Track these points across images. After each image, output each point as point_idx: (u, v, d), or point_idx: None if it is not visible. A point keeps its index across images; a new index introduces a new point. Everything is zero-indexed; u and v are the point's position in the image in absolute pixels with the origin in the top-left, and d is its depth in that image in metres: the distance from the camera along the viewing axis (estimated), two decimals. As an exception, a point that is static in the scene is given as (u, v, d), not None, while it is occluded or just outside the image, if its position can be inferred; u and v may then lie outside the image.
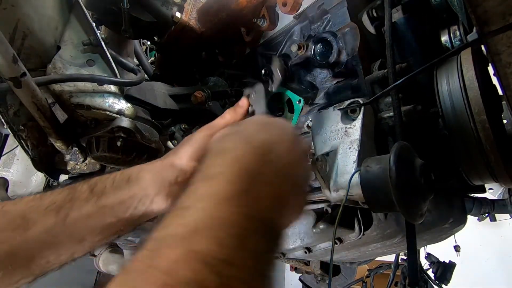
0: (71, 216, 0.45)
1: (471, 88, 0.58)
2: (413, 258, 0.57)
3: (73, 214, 0.46)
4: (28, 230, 0.43)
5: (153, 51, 1.60)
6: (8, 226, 0.42)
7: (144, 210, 0.51)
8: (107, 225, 0.49)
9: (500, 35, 0.39)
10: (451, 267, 1.52)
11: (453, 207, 0.70)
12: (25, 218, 0.43)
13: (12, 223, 0.43)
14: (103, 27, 1.13)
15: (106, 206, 0.48)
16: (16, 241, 0.42)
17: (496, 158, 0.57)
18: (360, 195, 0.53)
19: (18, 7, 0.81)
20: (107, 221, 0.48)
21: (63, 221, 0.45)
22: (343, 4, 0.71)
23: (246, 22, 0.86)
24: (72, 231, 0.46)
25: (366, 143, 0.62)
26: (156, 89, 0.93)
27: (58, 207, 0.45)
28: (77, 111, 0.89)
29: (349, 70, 0.72)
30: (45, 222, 0.44)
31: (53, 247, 0.45)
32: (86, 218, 0.46)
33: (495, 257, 2.64)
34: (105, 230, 0.49)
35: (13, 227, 0.42)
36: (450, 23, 0.67)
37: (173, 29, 0.95)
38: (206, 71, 1.05)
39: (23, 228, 0.43)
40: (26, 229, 0.43)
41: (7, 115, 0.84)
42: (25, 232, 0.43)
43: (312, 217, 0.78)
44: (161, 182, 0.52)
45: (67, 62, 0.89)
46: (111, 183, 0.50)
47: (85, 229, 0.47)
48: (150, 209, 0.51)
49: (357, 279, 1.71)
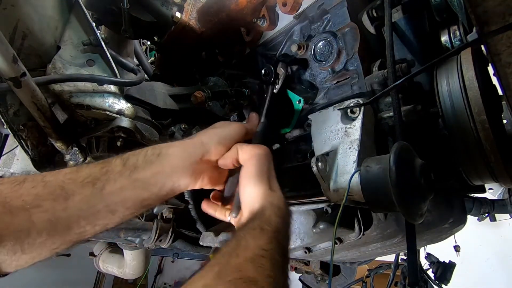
0: (106, 188, 0.48)
1: (471, 88, 0.58)
2: (413, 258, 0.57)
3: (108, 186, 0.48)
4: (67, 200, 0.46)
5: (153, 51, 1.61)
6: (49, 196, 0.45)
7: (172, 185, 0.54)
8: (138, 198, 0.51)
9: (500, 35, 0.39)
10: (451, 267, 1.53)
11: (453, 207, 0.70)
12: (64, 189, 0.46)
13: (53, 193, 0.45)
14: (103, 27, 1.13)
15: (138, 180, 0.51)
16: (57, 210, 0.45)
17: (496, 158, 0.57)
18: (360, 195, 0.53)
19: (18, 7, 0.81)
20: (138, 194, 0.51)
21: (100, 192, 0.48)
22: (343, 4, 0.71)
23: (246, 22, 0.86)
24: (108, 203, 0.49)
25: (366, 143, 0.62)
26: (156, 89, 0.93)
27: (95, 179, 0.48)
28: (77, 111, 0.89)
29: (349, 70, 0.72)
30: (83, 193, 0.47)
31: (90, 217, 0.48)
32: (120, 190, 0.49)
33: (495, 257, 2.63)
34: (136, 203, 0.52)
35: (54, 197, 0.45)
36: (450, 23, 0.67)
37: (173, 29, 0.95)
38: (206, 71, 1.05)
39: (63, 198, 0.45)
40: (66, 199, 0.45)
41: (7, 115, 0.84)
42: (65, 202, 0.45)
43: (312, 217, 0.78)
44: (188, 159, 0.55)
45: (67, 62, 0.89)
46: (143, 158, 0.53)
47: (119, 201, 0.50)
48: (177, 184, 0.54)
49: (357, 279, 1.71)
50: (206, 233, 0.87)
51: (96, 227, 0.49)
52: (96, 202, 0.48)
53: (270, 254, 0.41)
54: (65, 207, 0.45)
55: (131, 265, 1.81)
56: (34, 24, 0.84)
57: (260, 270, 0.38)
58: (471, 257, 2.51)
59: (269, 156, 0.59)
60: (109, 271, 1.91)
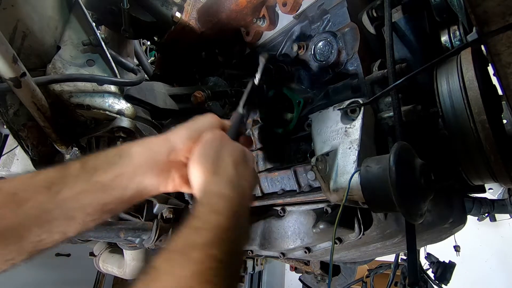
0: (63, 193, 0.45)
1: (471, 88, 0.58)
2: (413, 258, 0.57)
3: (65, 191, 0.45)
4: (20, 206, 0.42)
5: (153, 51, 1.61)
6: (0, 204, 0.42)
7: (136, 187, 0.50)
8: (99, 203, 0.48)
9: (500, 35, 0.39)
10: (451, 267, 1.53)
11: (453, 207, 0.70)
12: (16, 195, 0.43)
13: (4, 200, 0.42)
14: (103, 27, 1.13)
15: (98, 182, 0.47)
16: (8, 217, 0.42)
17: (496, 158, 0.57)
18: (360, 195, 0.53)
19: (18, 7, 0.81)
20: (99, 198, 0.47)
21: (55, 197, 0.44)
22: (343, 4, 0.71)
23: (246, 22, 0.86)
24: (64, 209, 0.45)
25: (366, 143, 0.62)
26: (156, 89, 0.93)
27: (50, 183, 0.45)
28: (77, 111, 0.89)
29: (349, 70, 0.72)
30: (36, 199, 0.43)
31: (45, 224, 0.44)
32: (78, 195, 0.46)
33: (495, 257, 2.64)
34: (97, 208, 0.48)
35: (5, 203, 0.42)
36: (450, 23, 0.67)
37: (173, 29, 0.95)
38: (206, 71, 1.05)
39: (15, 204, 0.42)
40: (18, 206, 0.42)
41: (7, 115, 0.84)
42: (17, 209, 0.42)
43: (312, 217, 0.78)
44: (152, 158, 0.51)
45: (67, 62, 0.89)
46: (103, 160, 0.49)
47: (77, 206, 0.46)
48: (142, 186, 0.51)
49: (357, 279, 1.71)
50: (206, 233, 0.87)
51: (54, 235, 0.46)
52: (51, 208, 0.44)
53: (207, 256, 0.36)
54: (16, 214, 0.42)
55: (131, 265, 1.80)
56: (34, 24, 0.84)
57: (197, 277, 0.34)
58: (471, 257, 2.51)
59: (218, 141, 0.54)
60: (109, 271, 1.91)
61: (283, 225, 0.83)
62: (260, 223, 0.87)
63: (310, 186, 0.79)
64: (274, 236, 0.84)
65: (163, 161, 0.52)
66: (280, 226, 0.84)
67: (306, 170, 0.80)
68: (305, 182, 0.80)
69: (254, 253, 0.95)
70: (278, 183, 0.87)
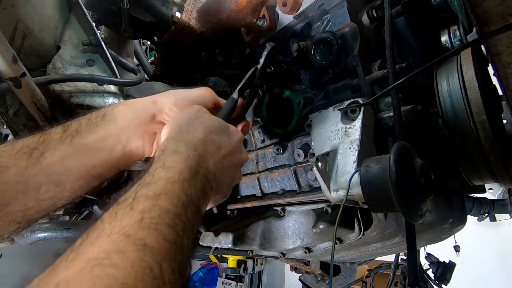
0: (45, 157, 0.43)
1: (471, 88, 0.58)
2: (413, 258, 0.57)
3: (47, 155, 0.43)
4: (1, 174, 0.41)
5: (153, 51, 1.61)
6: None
7: (122, 148, 0.48)
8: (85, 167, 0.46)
9: (500, 35, 0.39)
10: (451, 267, 1.53)
11: (453, 207, 0.70)
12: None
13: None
14: (103, 27, 1.13)
15: (81, 145, 0.45)
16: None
17: (496, 158, 0.57)
18: (360, 195, 0.53)
19: (18, 7, 0.81)
20: (85, 162, 0.46)
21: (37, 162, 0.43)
22: (343, 4, 0.71)
23: (246, 22, 0.86)
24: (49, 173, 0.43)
25: (366, 143, 0.62)
26: (156, 89, 0.93)
27: (31, 149, 0.43)
28: (77, 111, 0.89)
29: (349, 70, 0.72)
30: (17, 165, 0.42)
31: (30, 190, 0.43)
32: (62, 159, 0.44)
33: (495, 257, 2.64)
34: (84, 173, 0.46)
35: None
36: (450, 23, 0.67)
37: (173, 29, 0.95)
38: (206, 71, 1.05)
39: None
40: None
41: (7, 115, 0.84)
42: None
43: (312, 217, 0.78)
44: (137, 118, 0.50)
45: (67, 62, 0.89)
46: (86, 122, 0.47)
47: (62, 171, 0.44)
48: (128, 148, 0.49)
49: (357, 279, 1.71)
50: (206, 233, 0.87)
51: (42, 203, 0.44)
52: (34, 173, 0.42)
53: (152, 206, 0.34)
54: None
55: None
56: (34, 24, 0.84)
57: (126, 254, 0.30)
58: (471, 257, 2.51)
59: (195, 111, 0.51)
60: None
61: (283, 225, 0.83)
62: (260, 223, 0.87)
63: (310, 186, 0.79)
64: (274, 236, 0.84)
65: (146, 123, 0.50)
66: (280, 226, 0.84)
67: (306, 170, 0.80)
68: (305, 182, 0.80)
69: (254, 253, 0.95)
70: (278, 183, 0.87)
